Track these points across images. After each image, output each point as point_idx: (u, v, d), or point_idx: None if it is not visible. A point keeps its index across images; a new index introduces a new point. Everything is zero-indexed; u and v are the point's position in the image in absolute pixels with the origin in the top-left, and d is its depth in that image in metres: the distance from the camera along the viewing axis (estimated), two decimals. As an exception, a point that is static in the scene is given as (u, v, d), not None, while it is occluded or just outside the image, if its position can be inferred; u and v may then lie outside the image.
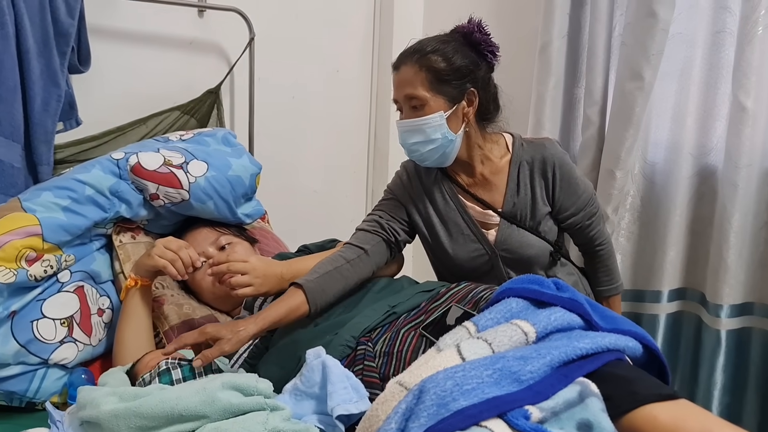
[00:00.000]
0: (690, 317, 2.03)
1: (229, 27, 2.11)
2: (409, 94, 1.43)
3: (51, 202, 1.43)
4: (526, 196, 1.53)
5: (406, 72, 1.43)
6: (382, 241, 1.53)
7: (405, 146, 1.49)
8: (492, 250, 1.54)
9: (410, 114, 1.44)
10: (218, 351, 1.21)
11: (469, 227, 1.55)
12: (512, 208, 1.53)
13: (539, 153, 1.53)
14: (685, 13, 1.91)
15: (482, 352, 1.00)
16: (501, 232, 1.54)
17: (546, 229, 1.56)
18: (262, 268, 1.40)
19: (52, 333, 1.38)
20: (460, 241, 1.55)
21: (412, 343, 1.22)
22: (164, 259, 1.38)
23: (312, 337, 1.31)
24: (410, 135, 1.45)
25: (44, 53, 1.59)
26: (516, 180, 1.53)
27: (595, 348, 1.02)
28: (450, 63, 1.42)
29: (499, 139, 1.57)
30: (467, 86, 1.45)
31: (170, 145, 1.67)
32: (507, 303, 1.13)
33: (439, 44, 1.45)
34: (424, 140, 1.44)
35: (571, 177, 1.53)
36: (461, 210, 1.55)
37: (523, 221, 1.54)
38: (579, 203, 1.56)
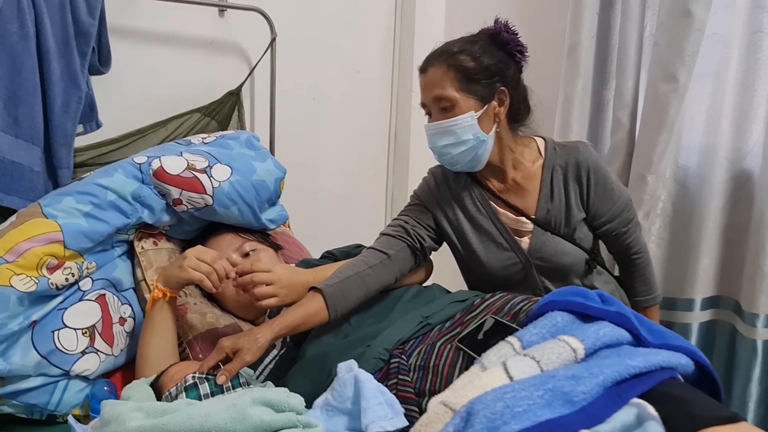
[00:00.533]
0: (724, 326, 1.97)
1: (250, 27, 2.07)
2: (438, 95, 1.39)
3: (72, 207, 1.38)
4: (561, 202, 1.48)
5: (433, 73, 1.40)
6: (406, 246, 1.48)
7: (435, 149, 1.45)
8: (526, 258, 1.49)
9: (439, 116, 1.40)
10: (240, 363, 1.18)
11: (502, 235, 1.50)
12: (546, 215, 1.48)
13: (573, 157, 1.48)
14: (720, 13, 1.85)
15: (530, 370, 0.95)
16: (535, 240, 1.48)
17: (581, 236, 1.50)
18: (287, 278, 1.36)
19: (74, 343, 1.34)
20: (492, 249, 1.50)
21: (449, 357, 1.17)
22: (199, 272, 1.31)
23: (343, 349, 1.26)
24: (440, 137, 1.41)
25: (65, 54, 1.55)
26: (549, 185, 1.48)
27: (648, 366, 0.96)
28: (479, 62, 1.39)
29: (530, 143, 1.52)
30: (497, 85, 1.41)
31: (193, 149, 1.63)
32: (552, 317, 1.08)
33: (466, 44, 1.41)
34: (455, 142, 1.40)
35: (606, 182, 1.48)
36: (493, 217, 1.50)
37: (557, 228, 1.49)
38: (615, 209, 1.50)
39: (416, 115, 2.58)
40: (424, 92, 1.43)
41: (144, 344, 1.37)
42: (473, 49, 1.40)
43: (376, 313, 1.36)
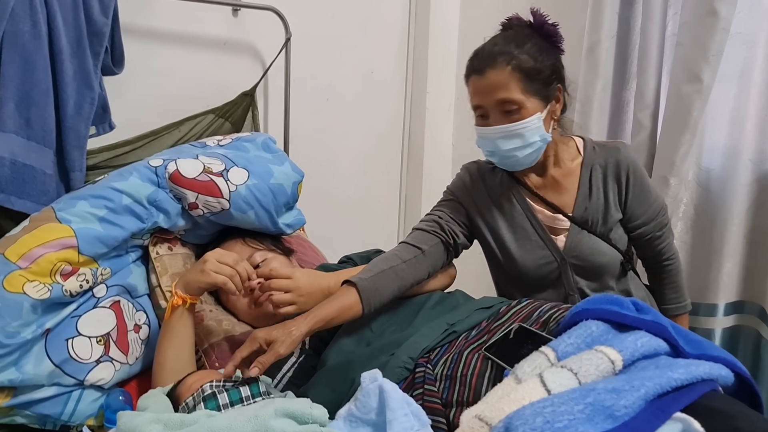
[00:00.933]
0: (748, 332, 1.93)
1: (265, 27, 2.03)
2: (503, 98, 1.35)
3: (87, 212, 1.35)
4: (599, 201, 1.46)
5: (495, 75, 1.35)
6: (440, 242, 1.46)
7: (496, 153, 1.40)
8: (561, 257, 1.46)
9: (502, 119, 1.36)
10: (274, 355, 1.16)
11: (537, 233, 1.47)
12: (584, 213, 1.46)
13: (613, 156, 1.46)
14: (745, 12, 1.81)
15: (568, 383, 0.91)
16: (571, 238, 1.46)
17: (617, 237, 1.48)
18: (306, 285, 1.32)
19: (88, 352, 1.30)
20: (527, 247, 1.48)
21: (477, 367, 1.13)
22: (223, 275, 1.29)
23: (366, 357, 1.22)
24: (506, 141, 1.37)
25: (77, 54, 1.51)
26: (588, 183, 1.46)
27: (689, 378, 0.93)
28: (538, 60, 1.37)
29: (569, 141, 1.51)
30: (555, 83, 1.40)
31: (208, 151, 1.59)
32: (586, 326, 1.04)
33: (520, 42, 1.38)
34: (522, 145, 1.37)
35: (644, 183, 1.46)
36: (529, 214, 1.48)
37: (594, 227, 1.46)
38: (650, 212, 1.48)
39: (430, 117, 2.55)
40: (484, 95, 1.37)
41: (161, 352, 1.33)
42: (529, 47, 1.37)
43: (399, 320, 1.32)
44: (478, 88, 1.38)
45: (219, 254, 1.32)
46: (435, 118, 2.56)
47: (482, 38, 2.59)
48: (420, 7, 2.51)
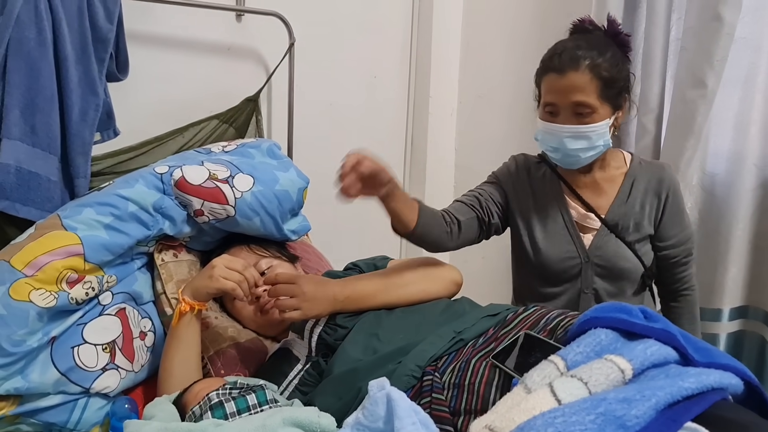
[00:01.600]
0: (753, 337, 1.93)
1: (268, 32, 2.04)
2: (579, 101, 1.40)
3: (93, 219, 1.35)
4: (634, 209, 1.51)
5: (576, 78, 1.40)
6: (475, 217, 1.55)
7: (560, 150, 1.45)
8: (585, 255, 1.51)
9: (572, 120, 1.42)
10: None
11: (567, 227, 1.53)
12: (616, 217, 1.51)
13: (658, 173, 1.53)
14: (749, 17, 1.80)
15: (579, 392, 0.91)
16: (598, 238, 1.51)
17: (643, 251, 1.52)
18: (311, 290, 1.32)
19: (94, 360, 1.30)
20: (555, 240, 1.54)
21: (485, 375, 1.12)
22: (231, 281, 1.29)
23: (372, 365, 1.22)
24: (573, 141, 1.43)
25: (82, 60, 1.51)
26: (628, 192, 1.52)
27: (700, 387, 0.92)
28: (617, 70, 1.43)
29: (617, 153, 1.58)
30: (624, 94, 1.47)
31: (214, 158, 1.59)
32: (595, 335, 1.03)
33: (602, 50, 1.43)
34: (587, 147, 1.43)
35: (680, 206, 1.53)
36: (563, 209, 1.54)
37: (623, 233, 1.51)
38: (681, 236, 1.53)
39: (433, 121, 2.55)
40: (560, 94, 1.42)
41: (168, 359, 1.33)
42: (609, 56, 1.43)
43: (405, 327, 1.31)
44: (556, 87, 1.42)
45: (227, 260, 1.32)
46: (438, 122, 2.56)
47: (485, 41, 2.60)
48: (423, 12, 2.51)
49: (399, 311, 1.37)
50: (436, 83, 2.53)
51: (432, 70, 2.51)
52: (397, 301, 1.39)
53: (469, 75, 2.58)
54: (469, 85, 2.58)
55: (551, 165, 1.59)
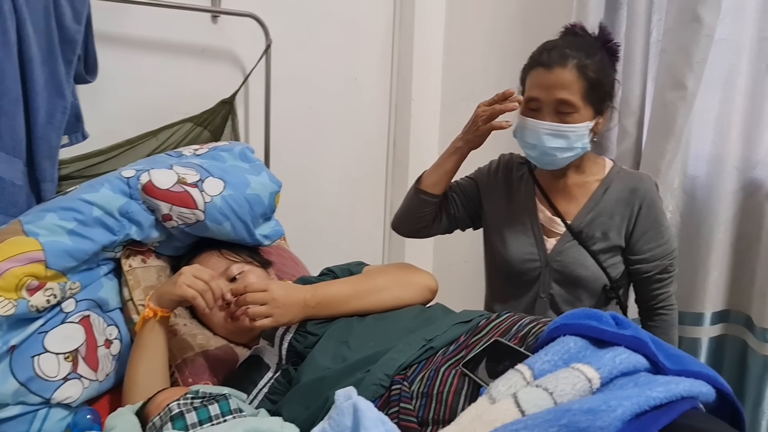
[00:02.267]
0: (734, 341, 1.91)
1: (244, 33, 2.00)
2: (564, 98, 1.40)
3: (55, 224, 1.31)
4: (601, 218, 1.49)
5: (563, 75, 1.40)
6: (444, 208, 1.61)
7: (539, 147, 1.43)
8: (545, 259, 1.51)
9: (554, 118, 1.41)
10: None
11: (532, 229, 1.53)
12: (581, 225, 1.50)
13: (632, 183, 1.50)
14: (729, 18, 1.79)
15: (543, 403, 0.88)
16: (560, 243, 1.51)
17: (611, 262, 1.49)
18: (282, 297, 1.29)
19: (55, 369, 1.26)
20: (519, 241, 1.54)
21: (454, 384, 1.10)
22: (194, 290, 1.26)
23: (341, 374, 1.19)
24: (552, 139, 1.42)
25: (49, 61, 1.47)
26: (598, 200, 1.50)
27: (669, 397, 0.90)
28: (604, 75, 1.43)
29: (598, 160, 1.56)
30: (607, 101, 1.46)
31: (184, 161, 1.56)
32: (564, 342, 1.01)
33: (591, 53, 1.43)
34: (564, 147, 1.42)
35: (656, 220, 1.49)
36: (531, 211, 1.55)
37: (587, 241, 1.49)
38: (657, 252, 1.50)
39: (415, 123, 2.52)
40: (545, 90, 1.41)
41: (133, 367, 1.30)
42: (598, 59, 1.43)
43: (375, 335, 1.28)
44: (541, 82, 1.42)
45: (196, 269, 1.30)
46: (420, 125, 2.53)
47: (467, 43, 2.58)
48: (404, 14, 2.48)
49: (371, 318, 1.34)
50: (419, 86, 2.50)
51: (414, 73, 2.49)
52: (370, 307, 1.36)
53: (452, 77, 2.56)
54: (451, 88, 2.56)
55: (531, 168, 1.59)
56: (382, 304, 1.36)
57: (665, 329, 1.55)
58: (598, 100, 1.43)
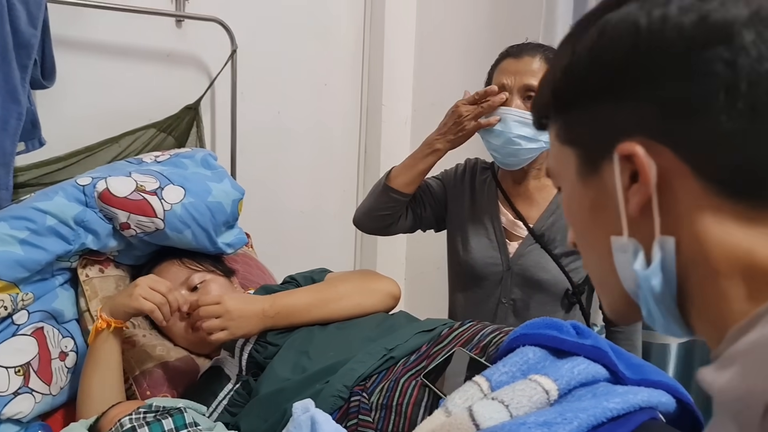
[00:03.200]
0: (703, 346, 1.91)
1: (210, 38, 1.97)
2: (530, 84, 1.42)
3: (6, 234, 1.27)
4: (562, 221, 1.49)
5: (530, 63, 1.43)
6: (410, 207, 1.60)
7: (504, 135, 1.43)
8: (507, 263, 1.50)
9: (522, 106, 1.42)
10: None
11: (495, 233, 1.53)
12: (542, 228, 1.50)
13: None
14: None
15: (498, 416, 0.87)
16: (522, 247, 1.50)
17: (573, 266, 1.48)
18: (237, 309, 1.27)
19: (5, 384, 1.22)
20: (482, 243, 1.54)
21: (414, 395, 1.08)
22: (151, 302, 1.23)
23: (299, 385, 1.16)
24: (518, 126, 1.41)
25: (2, 67, 1.43)
26: (559, 203, 1.50)
27: (626, 408, 0.89)
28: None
29: None
30: None
31: (143, 168, 1.52)
32: (523, 353, 1.00)
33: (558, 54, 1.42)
34: (531, 136, 1.42)
35: None
36: (494, 215, 1.54)
37: (549, 244, 1.49)
38: None
39: (387, 129, 2.51)
40: (514, 75, 1.43)
41: (86, 380, 1.26)
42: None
43: (336, 345, 1.26)
44: (510, 69, 1.44)
45: (152, 280, 1.27)
46: (391, 131, 2.52)
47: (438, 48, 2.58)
48: (375, 19, 2.47)
49: (332, 327, 1.32)
50: (389, 91, 2.49)
51: (385, 78, 2.47)
52: (331, 315, 1.34)
53: (423, 82, 2.55)
54: (422, 93, 2.55)
55: (494, 172, 1.60)
56: (344, 312, 1.34)
57: (628, 334, 1.54)
58: None
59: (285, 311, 1.29)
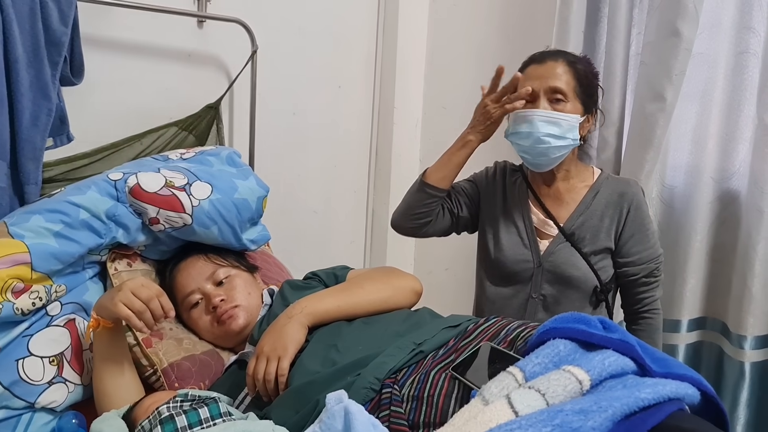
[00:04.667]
0: (711, 348, 1.95)
1: (230, 39, 2.00)
2: (556, 86, 1.50)
3: (41, 227, 1.29)
4: (592, 221, 1.56)
5: (554, 67, 1.52)
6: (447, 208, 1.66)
7: (533, 134, 1.50)
8: (538, 260, 1.57)
9: (548, 107, 1.50)
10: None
11: (526, 231, 1.60)
12: (572, 227, 1.57)
13: (621, 187, 1.58)
14: (706, 33, 1.85)
15: (536, 404, 0.90)
16: (553, 245, 1.57)
17: (601, 265, 1.55)
18: (270, 346, 1.24)
19: (40, 373, 1.24)
20: (513, 241, 1.60)
21: (444, 387, 1.11)
22: (129, 310, 1.18)
23: (331, 378, 1.19)
24: (545, 125, 1.49)
25: (34, 63, 1.46)
26: (589, 204, 1.58)
27: (657, 398, 0.92)
28: (590, 77, 1.55)
29: (587, 168, 1.65)
30: (594, 105, 1.56)
31: (171, 165, 1.55)
32: (554, 345, 1.03)
33: (579, 60, 1.56)
34: (558, 134, 1.49)
35: (643, 224, 1.57)
36: (525, 213, 1.61)
37: (579, 242, 1.56)
38: (644, 255, 1.57)
39: (398, 131, 2.55)
40: (538, 80, 1.51)
41: (97, 379, 1.27)
42: (586, 64, 1.57)
43: (364, 339, 1.29)
44: (535, 74, 1.53)
45: (136, 285, 1.21)
46: (402, 133, 2.55)
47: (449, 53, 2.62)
48: (388, 23, 2.50)
49: (359, 321, 1.35)
50: (401, 94, 2.53)
51: (397, 81, 2.51)
52: (360, 312, 1.37)
53: (434, 86, 2.58)
54: (433, 96, 2.59)
55: (524, 174, 1.66)
56: (371, 308, 1.37)
57: (650, 333, 1.59)
58: (586, 98, 1.54)
59: (317, 317, 1.31)
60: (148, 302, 1.20)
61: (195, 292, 1.44)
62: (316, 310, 1.31)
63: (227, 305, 1.41)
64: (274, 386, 1.21)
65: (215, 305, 1.40)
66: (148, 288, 1.22)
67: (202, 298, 1.44)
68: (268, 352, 1.22)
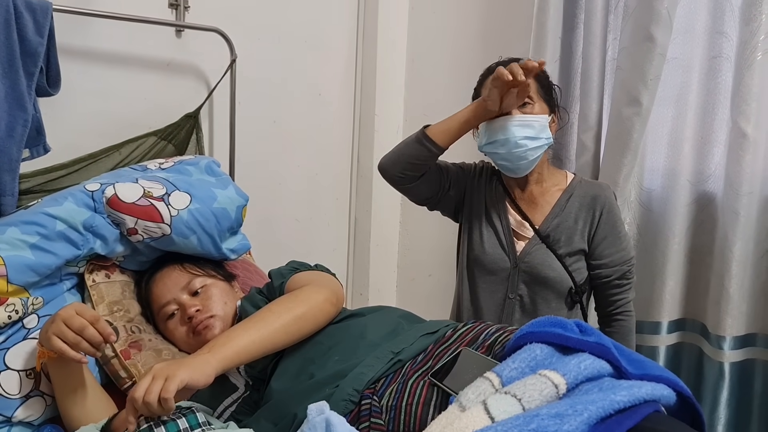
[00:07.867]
0: (691, 349, 1.97)
1: (209, 48, 2.01)
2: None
3: (17, 238, 1.29)
4: (566, 223, 1.60)
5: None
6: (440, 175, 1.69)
7: (509, 141, 1.53)
8: (515, 260, 1.61)
9: (517, 111, 1.55)
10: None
11: (504, 232, 1.64)
12: (548, 228, 1.61)
13: (593, 190, 1.63)
14: (680, 38, 1.87)
15: (512, 409, 0.90)
16: (529, 246, 1.61)
17: (576, 267, 1.59)
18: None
19: (17, 387, 1.23)
20: (491, 242, 1.64)
21: (423, 395, 1.11)
22: (63, 342, 1.12)
23: (309, 390, 1.18)
24: (521, 129, 1.53)
25: (9, 74, 1.45)
26: (563, 206, 1.62)
27: (632, 400, 0.93)
28: (546, 77, 1.63)
29: (561, 172, 1.70)
30: (555, 103, 1.62)
31: (149, 175, 1.54)
32: (530, 350, 1.03)
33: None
34: (533, 136, 1.54)
35: (615, 226, 1.62)
36: (503, 214, 1.65)
37: (554, 244, 1.60)
38: (616, 258, 1.61)
39: (379, 138, 2.55)
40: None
41: (62, 408, 1.24)
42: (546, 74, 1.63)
43: (341, 349, 1.28)
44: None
45: (69, 315, 1.14)
46: (384, 140, 2.56)
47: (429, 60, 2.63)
48: (367, 29, 2.52)
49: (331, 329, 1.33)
50: (382, 101, 2.54)
51: (377, 88, 2.52)
52: (278, 337, 1.24)
53: (414, 93, 2.60)
54: (414, 103, 2.60)
55: (501, 178, 1.70)
56: (289, 329, 1.26)
57: (623, 335, 1.61)
58: (548, 97, 1.61)
59: (230, 360, 1.16)
60: (82, 331, 1.13)
61: (171, 302, 1.42)
62: (224, 355, 1.14)
63: (203, 315, 1.38)
64: (157, 406, 1.03)
65: (191, 315, 1.38)
66: (81, 315, 1.14)
67: (178, 308, 1.42)
68: (156, 371, 1.06)
